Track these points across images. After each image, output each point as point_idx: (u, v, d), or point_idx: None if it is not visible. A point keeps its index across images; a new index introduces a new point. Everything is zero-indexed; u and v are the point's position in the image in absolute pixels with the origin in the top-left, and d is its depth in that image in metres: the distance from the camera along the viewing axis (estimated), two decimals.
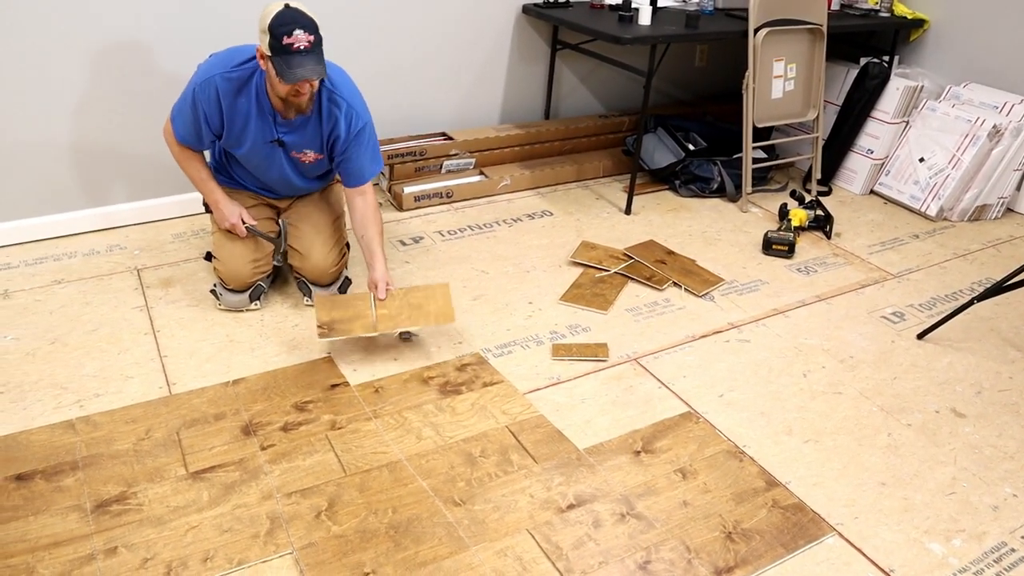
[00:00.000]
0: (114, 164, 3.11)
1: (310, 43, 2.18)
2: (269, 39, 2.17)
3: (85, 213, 3.13)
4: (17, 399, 2.24)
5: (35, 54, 2.82)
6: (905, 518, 1.99)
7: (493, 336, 2.63)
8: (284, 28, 2.15)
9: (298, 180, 2.64)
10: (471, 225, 3.40)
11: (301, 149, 2.51)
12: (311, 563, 1.76)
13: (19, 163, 2.95)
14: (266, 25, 2.17)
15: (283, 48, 2.16)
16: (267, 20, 2.17)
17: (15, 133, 2.90)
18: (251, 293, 2.67)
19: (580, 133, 4.05)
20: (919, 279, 3.16)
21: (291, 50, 2.16)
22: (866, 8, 4.04)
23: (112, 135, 3.06)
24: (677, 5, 3.90)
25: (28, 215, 3.04)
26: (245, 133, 2.44)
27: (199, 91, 2.36)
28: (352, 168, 2.52)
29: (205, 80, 2.35)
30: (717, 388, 2.44)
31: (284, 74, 2.18)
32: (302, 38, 2.16)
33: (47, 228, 3.07)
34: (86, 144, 3.04)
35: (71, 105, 2.95)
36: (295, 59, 2.17)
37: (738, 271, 3.14)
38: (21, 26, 2.76)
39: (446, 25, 3.61)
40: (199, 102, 2.37)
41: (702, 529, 1.91)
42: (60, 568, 1.72)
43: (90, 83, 2.95)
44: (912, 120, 3.88)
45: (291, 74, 2.18)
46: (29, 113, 2.89)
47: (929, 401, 2.43)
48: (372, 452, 2.09)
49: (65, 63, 2.88)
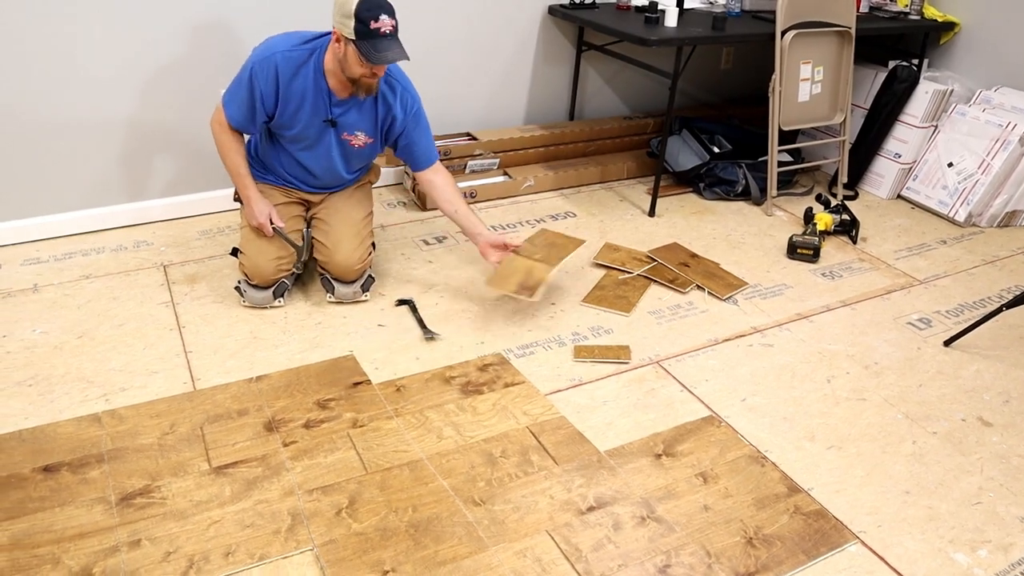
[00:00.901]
0: (143, 162, 3.14)
1: (393, 27, 2.30)
2: (355, 23, 2.24)
3: (112, 209, 3.17)
4: (45, 392, 2.27)
5: (75, 53, 2.86)
6: (929, 527, 1.96)
7: (515, 337, 2.63)
8: (371, 13, 2.24)
9: (342, 167, 2.68)
10: (494, 226, 3.40)
11: (353, 131, 2.57)
12: (331, 560, 1.77)
13: (50, 161, 2.99)
14: (351, 10, 2.24)
15: (370, 32, 2.25)
16: (351, 5, 2.24)
17: (47, 133, 2.94)
18: (275, 290, 2.69)
19: (604, 135, 4.04)
20: (946, 285, 3.12)
21: (378, 34, 2.26)
22: (896, 10, 4.00)
23: (143, 133, 3.10)
24: (703, 7, 3.88)
25: (56, 211, 3.08)
26: (300, 113, 2.49)
27: (258, 68, 2.41)
28: (420, 149, 2.65)
29: (266, 57, 2.41)
30: (740, 392, 2.42)
31: (372, 57, 2.27)
32: (387, 23, 2.27)
33: (75, 224, 3.12)
34: (114, 142, 3.07)
35: (102, 105, 2.99)
36: (382, 43, 2.27)
37: (762, 275, 3.12)
38: (60, 26, 2.80)
39: (472, 26, 3.62)
40: (256, 80, 2.41)
41: (722, 534, 1.90)
42: (85, 559, 1.74)
43: (127, 81, 2.99)
44: (941, 124, 3.83)
45: (380, 56, 2.27)
46: (65, 115, 2.93)
47: (955, 409, 2.40)
48: (393, 450, 2.10)
49: (103, 62, 2.92)
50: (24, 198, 3.00)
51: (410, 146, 2.64)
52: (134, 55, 2.97)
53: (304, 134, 2.55)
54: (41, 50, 2.81)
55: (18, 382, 2.30)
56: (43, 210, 3.05)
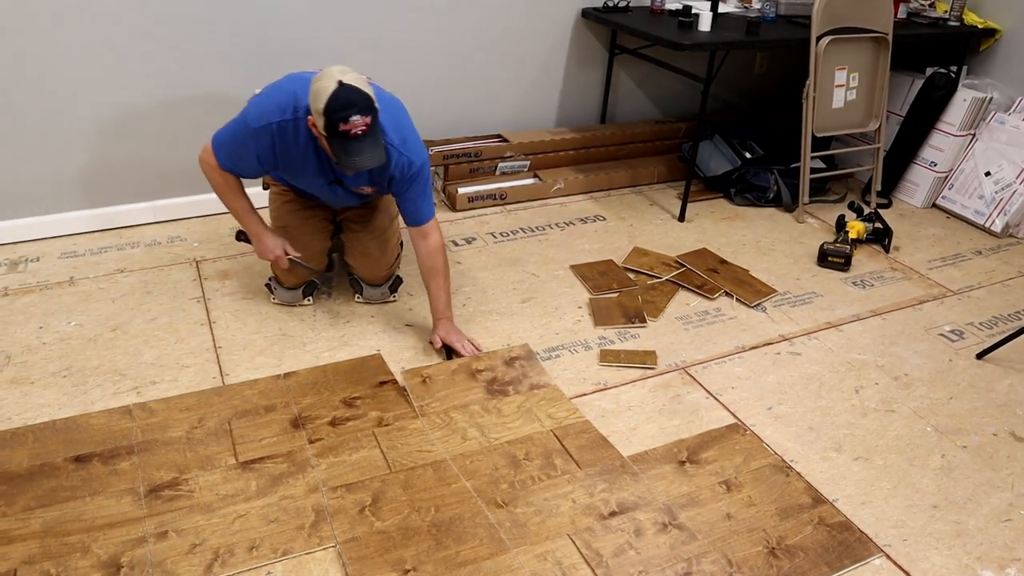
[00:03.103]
0: (177, 158, 3.19)
1: (367, 126, 2.11)
2: (324, 122, 2.09)
3: (147, 205, 3.22)
4: (79, 383, 2.31)
5: (112, 48, 2.91)
6: (957, 543, 1.94)
7: (542, 339, 2.63)
8: (340, 115, 2.06)
9: (356, 202, 2.64)
10: (523, 227, 3.41)
11: (359, 185, 2.45)
12: (354, 557, 1.78)
13: (88, 157, 3.05)
14: (320, 107, 2.07)
15: (340, 134, 2.09)
16: (321, 100, 2.07)
17: (85, 129, 3.00)
18: (304, 289, 2.71)
19: (636, 138, 4.03)
20: (980, 297, 3.08)
21: (348, 136, 2.09)
22: (935, 16, 3.94)
23: (178, 130, 3.15)
24: (738, 11, 3.85)
25: (93, 206, 3.14)
26: (302, 173, 2.41)
27: (252, 137, 2.28)
28: (409, 208, 2.45)
29: (261, 127, 2.26)
30: (766, 400, 2.41)
31: (342, 160, 2.13)
32: (359, 123, 2.08)
33: (111, 218, 3.18)
34: (150, 138, 3.13)
35: (138, 100, 3.04)
36: (353, 146, 2.11)
37: (792, 283, 3.09)
38: (91, 24, 2.85)
39: (505, 28, 3.62)
40: (252, 145, 2.30)
41: (745, 543, 1.89)
42: (113, 549, 1.77)
43: (163, 77, 3.04)
44: (979, 133, 3.77)
45: (350, 162, 2.13)
46: (104, 111, 2.99)
47: (987, 423, 2.37)
48: (417, 450, 2.11)
49: (143, 56, 2.97)
50: (61, 193, 3.07)
51: (401, 203, 2.46)
52: (172, 51, 3.02)
53: (309, 186, 2.50)
54: (85, 44, 2.87)
55: (53, 373, 2.35)
56: (80, 205, 3.11)
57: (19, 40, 2.77)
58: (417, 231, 2.47)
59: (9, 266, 2.90)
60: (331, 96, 2.06)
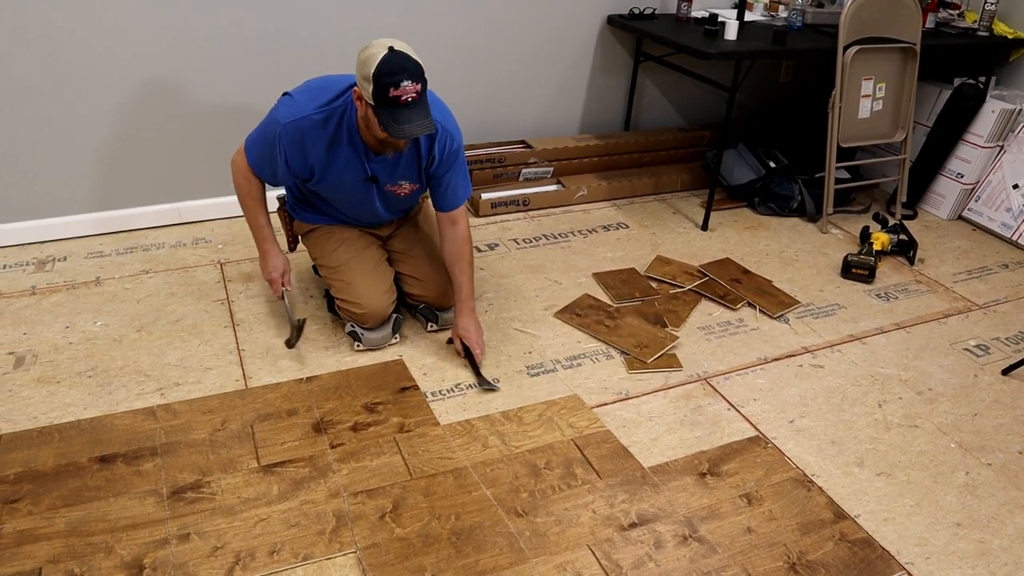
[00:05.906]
0: (203, 160, 3.22)
1: (417, 94, 2.04)
2: (373, 88, 2.01)
3: (173, 207, 3.25)
4: (104, 383, 2.34)
5: (139, 49, 2.95)
6: (980, 562, 1.92)
7: (564, 347, 2.63)
8: (391, 79, 1.99)
9: (385, 213, 2.54)
10: (546, 234, 3.41)
11: (396, 181, 2.39)
12: (374, 563, 1.79)
13: (114, 158, 3.08)
14: (369, 72, 2.00)
15: (389, 100, 2.01)
16: (370, 66, 2.00)
17: (113, 132, 3.03)
18: (392, 325, 2.57)
19: (659, 146, 4.02)
20: (1007, 311, 3.04)
21: (399, 103, 2.02)
22: (963, 26, 3.90)
23: (204, 131, 3.18)
24: (764, 19, 3.83)
25: (120, 207, 3.17)
26: (335, 173, 2.32)
27: (283, 134, 2.22)
28: (446, 190, 2.39)
29: (291, 122, 2.21)
30: (788, 413, 2.39)
31: (391, 129, 2.04)
32: (410, 89, 2.01)
33: (137, 219, 3.21)
34: (176, 140, 3.15)
35: (165, 102, 3.07)
36: (403, 113, 2.03)
37: (815, 294, 3.07)
38: (116, 23, 2.89)
39: (530, 34, 3.63)
40: (282, 144, 2.24)
41: (765, 558, 1.88)
42: (136, 550, 1.79)
43: (193, 77, 3.07)
44: (1007, 144, 3.73)
45: (399, 129, 2.04)
46: (129, 112, 3.02)
47: (1012, 441, 2.34)
48: (438, 457, 2.12)
49: (170, 57, 3.00)
50: (88, 193, 3.10)
51: (437, 186, 2.40)
52: (198, 52, 3.04)
53: (342, 190, 2.40)
54: (112, 43, 2.90)
55: (79, 372, 2.38)
56: (106, 205, 3.15)
57: (45, 43, 2.81)
58: (447, 217, 2.43)
59: (36, 265, 2.93)
60: (381, 61, 2.00)
